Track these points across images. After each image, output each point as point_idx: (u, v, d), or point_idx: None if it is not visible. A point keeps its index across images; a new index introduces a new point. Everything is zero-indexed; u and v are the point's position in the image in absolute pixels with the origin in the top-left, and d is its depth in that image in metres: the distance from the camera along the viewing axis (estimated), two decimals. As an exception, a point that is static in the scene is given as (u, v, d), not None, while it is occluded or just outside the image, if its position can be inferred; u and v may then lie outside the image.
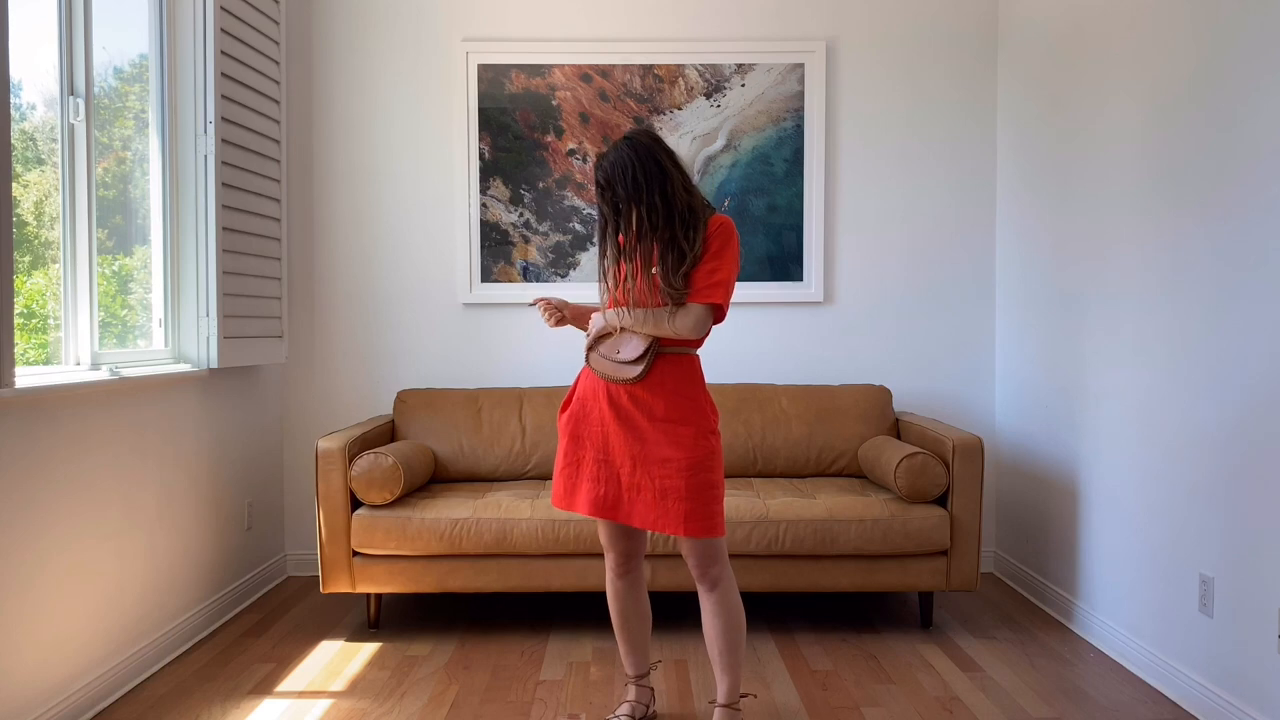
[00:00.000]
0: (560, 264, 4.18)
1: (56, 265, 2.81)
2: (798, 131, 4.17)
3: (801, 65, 4.16)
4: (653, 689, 2.75)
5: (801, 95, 4.16)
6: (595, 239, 2.50)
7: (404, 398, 3.93)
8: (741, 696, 2.55)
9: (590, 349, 2.50)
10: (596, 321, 2.52)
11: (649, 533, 2.78)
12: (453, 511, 3.33)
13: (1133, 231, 3.11)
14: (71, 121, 2.82)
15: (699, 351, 2.52)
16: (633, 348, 2.43)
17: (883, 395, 3.98)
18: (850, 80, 4.20)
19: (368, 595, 3.44)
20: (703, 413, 2.45)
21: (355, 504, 3.37)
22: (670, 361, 2.45)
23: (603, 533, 2.60)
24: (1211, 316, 2.69)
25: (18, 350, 2.50)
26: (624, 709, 2.67)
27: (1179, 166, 2.85)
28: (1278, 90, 2.43)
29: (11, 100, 2.42)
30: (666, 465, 2.39)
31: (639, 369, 2.41)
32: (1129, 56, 3.13)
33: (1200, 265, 2.74)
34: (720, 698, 2.51)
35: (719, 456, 2.46)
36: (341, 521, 3.32)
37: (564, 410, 2.57)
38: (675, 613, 3.49)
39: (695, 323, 2.40)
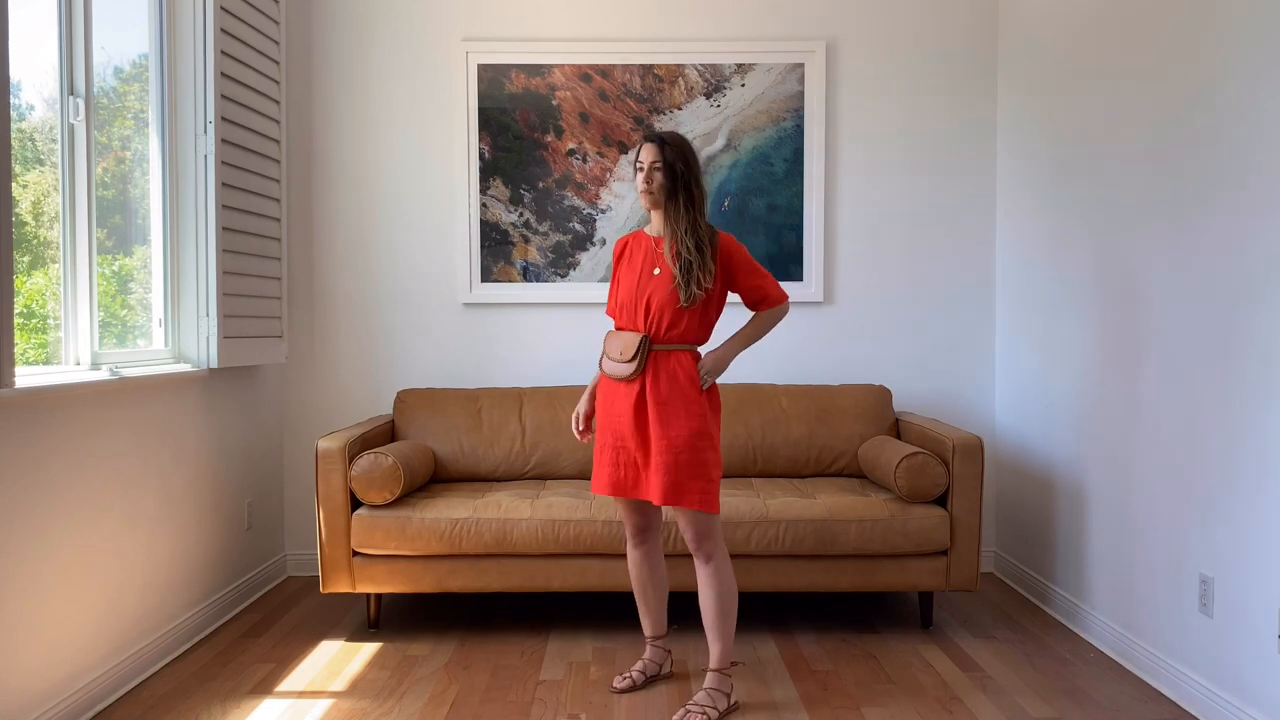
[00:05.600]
0: (560, 264, 4.18)
1: (56, 265, 2.80)
2: (798, 131, 4.17)
3: (801, 65, 4.16)
4: (669, 650, 3.02)
5: (801, 95, 4.16)
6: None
7: (404, 398, 3.93)
8: (732, 664, 2.81)
9: (602, 356, 2.82)
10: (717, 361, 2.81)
11: (663, 514, 3.06)
12: (453, 511, 3.33)
13: (1132, 231, 3.10)
14: (71, 121, 2.82)
15: (706, 346, 2.83)
16: (628, 347, 2.73)
17: (883, 395, 3.98)
18: (850, 80, 4.20)
19: (368, 595, 3.44)
20: (696, 399, 2.70)
21: (355, 504, 3.37)
22: (666, 356, 2.73)
23: (619, 508, 2.91)
24: (1211, 316, 2.69)
25: (17, 350, 2.49)
26: (638, 665, 2.95)
27: (1179, 165, 2.85)
28: (1278, 94, 2.43)
29: (11, 100, 2.42)
30: (662, 442, 2.67)
31: (634, 365, 2.71)
32: (1129, 55, 3.13)
33: (1200, 265, 2.74)
34: (712, 662, 2.77)
35: (713, 438, 2.72)
36: (341, 521, 3.32)
37: (597, 404, 2.88)
38: (677, 614, 3.48)
39: (780, 316, 2.84)
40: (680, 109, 4.16)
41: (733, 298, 2.82)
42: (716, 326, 2.82)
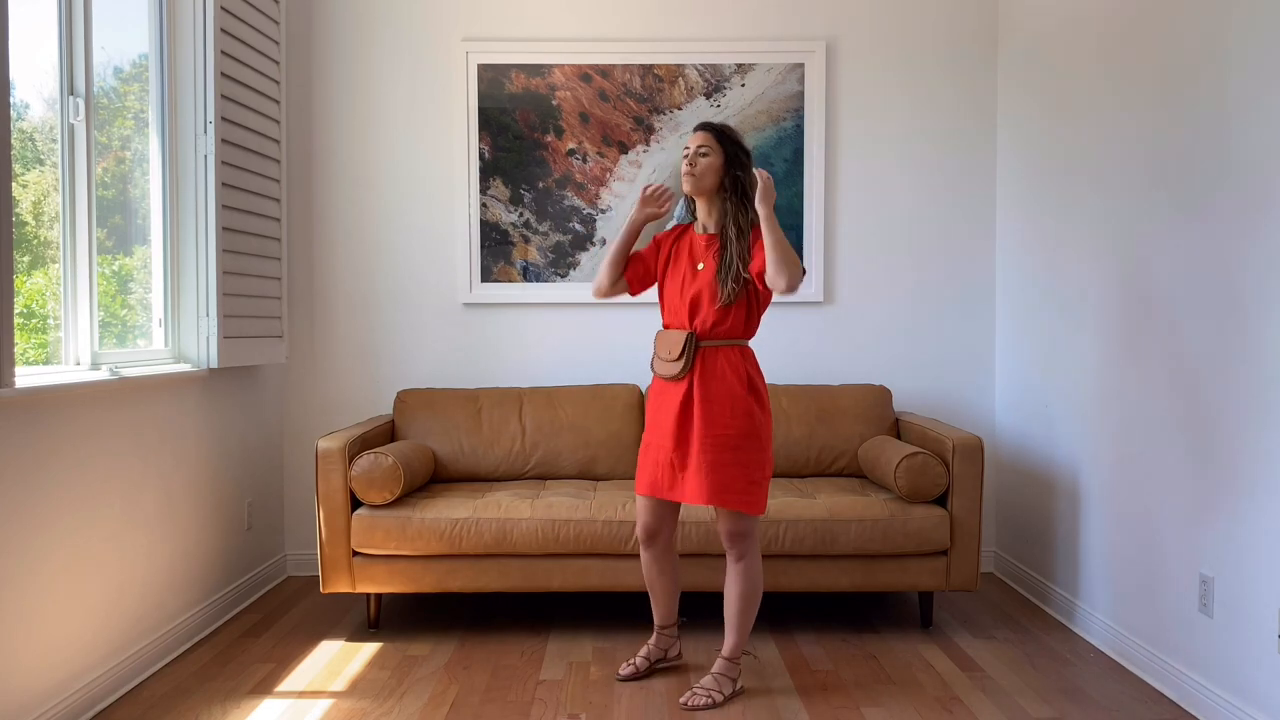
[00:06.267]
0: (560, 264, 4.18)
1: (56, 265, 2.80)
2: (798, 131, 4.17)
3: (801, 65, 4.16)
4: (676, 638, 3.05)
5: (801, 95, 4.16)
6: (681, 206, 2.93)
7: (404, 398, 3.93)
8: (744, 653, 2.90)
9: (654, 357, 2.85)
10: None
11: (678, 517, 3.05)
12: (453, 511, 3.33)
13: (1132, 231, 3.10)
14: (71, 121, 2.82)
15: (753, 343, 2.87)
16: (674, 345, 2.76)
17: (883, 395, 3.98)
18: (850, 80, 4.20)
19: (368, 595, 3.44)
20: (743, 396, 2.71)
21: (355, 504, 3.37)
22: (714, 353, 2.75)
23: (639, 505, 2.90)
24: (1210, 316, 2.69)
25: (17, 350, 2.49)
26: (642, 652, 3.01)
27: (1179, 166, 2.85)
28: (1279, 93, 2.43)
29: (11, 100, 2.42)
30: (706, 439, 2.69)
31: (681, 364, 2.73)
32: (1130, 55, 3.13)
33: (1201, 266, 2.74)
34: (725, 651, 2.85)
35: (761, 439, 2.72)
36: (341, 521, 3.32)
37: (648, 404, 2.90)
38: (685, 611, 3.48)
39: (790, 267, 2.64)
40: (680, 109, 4.16)
41: (777, 297, 2.75)
42: (762, 322, 2.87)
